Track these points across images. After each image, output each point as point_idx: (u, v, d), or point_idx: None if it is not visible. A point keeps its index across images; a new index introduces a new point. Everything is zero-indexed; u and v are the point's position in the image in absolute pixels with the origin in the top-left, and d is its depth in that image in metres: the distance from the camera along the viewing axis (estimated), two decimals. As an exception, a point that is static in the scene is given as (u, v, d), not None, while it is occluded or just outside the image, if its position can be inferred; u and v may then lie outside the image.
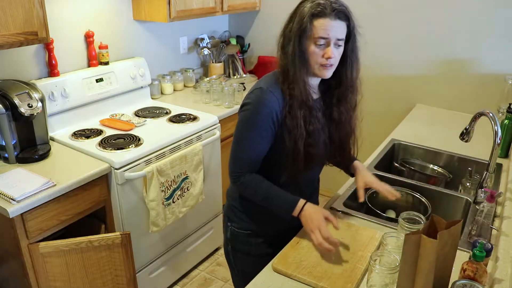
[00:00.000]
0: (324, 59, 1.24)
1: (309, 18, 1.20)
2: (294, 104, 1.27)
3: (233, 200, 1.49)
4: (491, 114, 1.53)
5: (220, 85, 2.74)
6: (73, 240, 1.70)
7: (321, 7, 1.21)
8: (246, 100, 1.31)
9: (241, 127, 1.32)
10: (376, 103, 2.90)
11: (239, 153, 1.34)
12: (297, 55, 1.24)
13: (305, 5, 1.23)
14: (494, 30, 2.43)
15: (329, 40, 1.22)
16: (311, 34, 1.22)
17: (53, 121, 2.16)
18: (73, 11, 2.26)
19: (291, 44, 1.24)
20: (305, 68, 1.26)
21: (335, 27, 1.22)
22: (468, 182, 1.81)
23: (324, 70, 1.27)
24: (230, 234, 1.50)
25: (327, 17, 1.21)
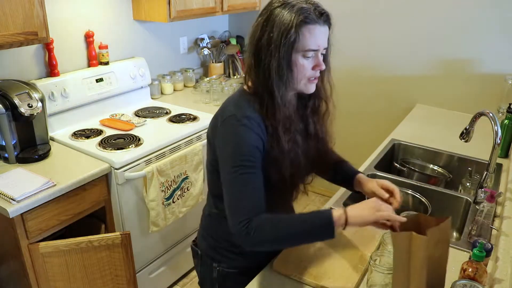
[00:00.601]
0: (313, 72, 1.11)
1: (296, 28, 1.03)
2: (279, 132, 1.10)
3: (215, 240, 1.30)
4: (491, 114, 1.53)
5: (220, 85, 2.74)
6: (73, 240, 1.70)
7: (306, 13, 1.04)
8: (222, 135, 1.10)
9: (228, 170, 1.08)
10: (376, 103, 2.90)
11: (239, 201, 1.07)
12: (283, 71, 1.06)
13: (282, 12, 1.05)
14: (494, 30, 2.43)
15: (318, 51, 1.09)
16: (298, 46, 1.05)
17: (53, 121, 2.16)
18: (73, 11, 2.26)
19: (275, 59, 1.05)
20: (290, 86, 1.09)
21: (323, 34, 1.08)
22: (468, 182, 1.81)
23: (311, 85, 1.13)
24: (218, 275, 1.31)
25: (316, 24, 1.06)
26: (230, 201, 1.08)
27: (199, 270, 1.39)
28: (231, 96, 1.21)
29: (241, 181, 1.06)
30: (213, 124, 1.17)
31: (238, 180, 1.07)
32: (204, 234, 1.35)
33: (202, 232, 1.36)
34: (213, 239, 1.31)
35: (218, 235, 1.30)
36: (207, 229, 1.34)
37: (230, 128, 1.09)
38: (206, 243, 1.33)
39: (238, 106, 1.11)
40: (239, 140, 1.07)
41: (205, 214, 1.36)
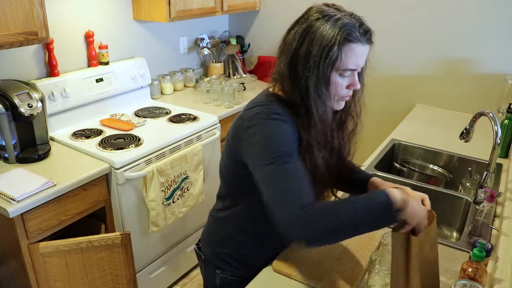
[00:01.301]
0: (347, 90, 1.06)
1: (339, 45, 0.97)
2: (313, 147, 1.04)
3: (219, 247, 1.28)
4: (491, 114, 1.53)
5: (220, 85, 2.74)
6: (73, 240, 1.70)
7: (350, 30, 0.98)
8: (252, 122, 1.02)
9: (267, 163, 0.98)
10: (376, 103, 2.90)
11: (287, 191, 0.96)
12: (321, 89, 1.00)
13: (324, 25, 0.98)
14: (494, 30, 2.43)
15: (355, 71, 1.04)
16: (339, 65, 1.00)
17: (53, 121, 2.16)
18: (73, 11, 2.26)
19: (313, 76, 0.99)
20: (327, 104, 1.04)
21: (364, 54, 1.03)
22: (468, 182, 1.81)
23: (341, 102, 1.09)
24: (221, 282, 1.30)
25: (359, 43, 1.00)
26: (275, 194, 0.96)
27: (203, 273, 1.39)
28: (255, 98, 1.15)
29: (284, 171, 0.97)
30: (238, 124, 1.10)
31: (280, 170, 0.97)
32: (207, 240, 1.33)
33: (206, 238, 1.35)
34: (216, 245, 1.29)
35: (222, 242, 1.28)
36: (211, 235, 1.32)
37: (261, 123, 1.02)
38: (210, 249, 1.31)
39: (267, 105, 1.05)
40: (273, 131, 1.00)
41: (209, 220, 1.35)
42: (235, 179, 1.19)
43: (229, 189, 1.25)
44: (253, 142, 1.02)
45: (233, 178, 1.20)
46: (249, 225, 1.23)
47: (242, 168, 1.09)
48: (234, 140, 1.10)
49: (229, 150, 1.16)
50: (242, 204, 1.21)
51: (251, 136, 1.03)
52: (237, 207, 1.22)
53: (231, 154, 1.14)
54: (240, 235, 1.25)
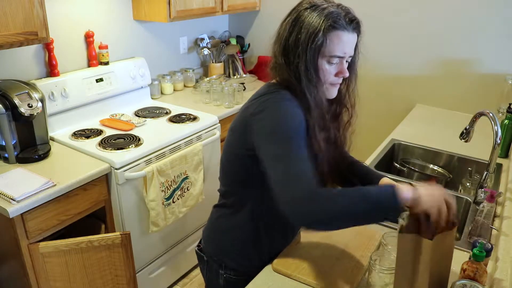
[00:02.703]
0: (335, 78, 1.09)
1: (324, 32, 1.02)
2: (316, 129, 1.07)
3: (222, 246, 1.27)
4: (491, 114, 1.53)
5: (220, 85, 2.74)
6: (73, 240, 1.70)
7: (335, 18, 1.02)
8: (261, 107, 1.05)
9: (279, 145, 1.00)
10: (376, 103, 2.90)
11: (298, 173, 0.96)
12: (311, 75, 1.05)
13: (311, 14, 1.04)
14: (494, 30, 2.43)
15: (343, 58, 1.08)
16: (324, 51, 1.04)
17: (53, 121, 2.16)
18: (73, 11, 2.26)
19: (302, 62, 1.04)
20: (319, 88, 1.08)
21: (351, 42, 1.07)
22: (468, 182, 1.81)
23: (333, 89, 1.12)
24: (224, 282, 1.29)
25: (344, 30, 1.04)
26: (284, 177, 0.96)
27: (205, 275, 1.37)
28: (260, 89, 1.17)
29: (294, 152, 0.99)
30: (243, 116, 1.11)
31: (290, 151, 0.98)
32: (210, 239, 1.31)
33: (208, 237, 1.33)
34: (220, 244, 1.28)
35: (225, 239, 1.27)
36: (215, 232, 1.30)
37: (271, 106, 1.05)
38: (212, 248, 1.30)
39: (276, 92, 1.08)
40: (284, 113, 1.03)
41: (213, 217, 1.33)
42: (238, 175, 1.19)
43: (231, 186, 1.24)
44: (264, 125, 1.04)
45: (235, 174, 1.20)
46: (253, 222, 1.22)
47: (250, 159, 1.09)
48: (242, 130, 1.11)
49: (234, 142, 1.16)
50: (245, 201, 1.21)
51: (261, 119, 1.04)
52: (240, 205, 1.22)
53: (238, 146, 1.14)
54: (244, 232, 1.24)
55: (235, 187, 1.24)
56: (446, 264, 1.06)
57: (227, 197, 1.27)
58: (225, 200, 1.28)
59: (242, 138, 1.12)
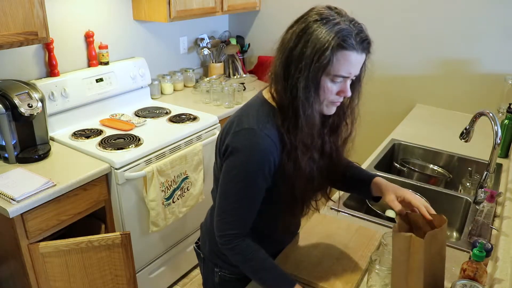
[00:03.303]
0: (336, 96, 1.04)
1: (332, 51, 0.95)
2: (298, 151, 1.04)
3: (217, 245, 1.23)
4: (491, 114, 1.53)
5: (220, 85, 2.74)
6: (73, 240, 1.70)
7: (345, 36, 0.95)
8: (234, 144, 1.04)
9: (230, 180, 1.06)
10: (376, 103, 2.90)
11: (230, 212, 1.08)
12: (310, 93, 0.99)
13: (320, 28, 0.96)
14: (494, 30, 2.43)
15: (347, 78, 1.02)
16: (330, 70, 0.98)
17: (53, 121, 2.16)
18: (73, 11, 2.26)
19: (303, 78, 0.98)
20: (315, 107, 1.02)
21: (358, 62, 1.01)
22: (468, 182, 1.81)
23: (332, 107, 1.07)
24: (219, 280, 1.31)
25: (353, 51, 0.97)
26: (223, 210, 1.10)
27: (202, 272, 1.39)
28: (251, 102, 1.13)
29: (242, 196, 1.06)
30: (227, 129, 1.10)
31: (238, 193, 1.06)
32: (206, 238, 1.33)
33: (204, 237, 1.35)
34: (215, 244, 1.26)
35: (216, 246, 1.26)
36: (209, 234, 1.30)
37: (244, 141, 1.03)
38: (209, 247, 1.31)
39: (258, 119, 1.05)
40: (250, 156, 1.03)
41: (207, 219, 1.35)
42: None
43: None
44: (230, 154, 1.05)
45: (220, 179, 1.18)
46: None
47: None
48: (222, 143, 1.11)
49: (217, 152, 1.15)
50: None
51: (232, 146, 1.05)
52: None
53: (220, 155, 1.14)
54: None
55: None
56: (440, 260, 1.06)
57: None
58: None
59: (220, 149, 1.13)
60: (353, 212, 1.54)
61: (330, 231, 1.40)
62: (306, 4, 1.10)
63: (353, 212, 1.54)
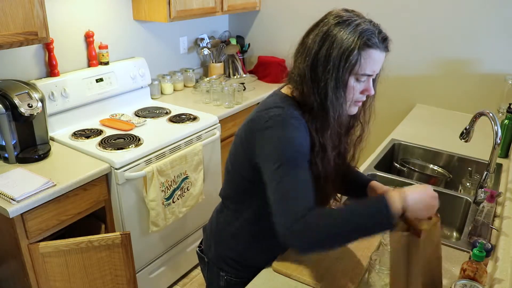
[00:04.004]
0: (360, 95, 1.08)
1: (359, 50, 0.99)
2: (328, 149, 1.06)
3: (224, 249, 1.27)
4: (491, 114, 1.53)
5: (220, 85, 2.74)
6: (73, 240, 1.70)
7: (370, 35, 1.00)
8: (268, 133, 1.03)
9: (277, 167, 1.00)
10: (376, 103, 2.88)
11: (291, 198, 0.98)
12: (340, 93, 1.02)
13: (344, 29, 1.00)
14: (494, 30, 2.43)
15: (371, 76, 1.06)
16: (357, 69, 1.01)
17: (53, 121, 2.16)
18: (73, 11, 2.26)
19: (332, 79, 1.00)
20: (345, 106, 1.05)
21: (381, 60, 1.05)
22: (468, 182, 1.81)
23: (355, 107, 1.11)
24: (225, 284, 1.30)
25: (377, 49, 1.01)
26: (280, 199, 0.99)
27: (205, 275, 1.38)
28: (270, 99, 1.13)
29: (293, 177, 0.99)
30: (251, 127, 1.09)
31: (289, 176, 0.99)
32: (211, 242, 1.31)
33: (209, 240, 1.33)
34: (221, 247, 1.28)
35: (229, 245, 1.27)
36: (215, 237, 1.30)
37: (279, 125, 1.02)
38: (214, 251, 1.30)
39: (284, 108, 1.05)
40: (289, 135, 1.02)
41: (212, 222, 1.34)
42: (243, 181, 1.18)
43: (234, 190, 1.24)
44: (267, 145, 1.03)
45: (240, 180, 1.19)
46: (254, 227, 1.22)
47: (253, 170, 1.09)
48: (248, 142, 1.10)
49: (241, 152, 1.14)
50: (247, 206, 1.20)
51: (267, 137, 1.03)
52: (242, 209, 1.22)
53: (245, 156, 1.12)
54: (245, 236, 1.24)
55: (236, 194, 1.23)
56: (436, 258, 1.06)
57: (227, 203, 1.27)
58: (226, 205, 1.28)
59: (247, 149, 1.11)
60: (353, 212, 1.53)
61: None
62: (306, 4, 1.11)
63: (353, 212, 1.53)
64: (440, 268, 1.08)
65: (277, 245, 1.25)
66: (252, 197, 1.18)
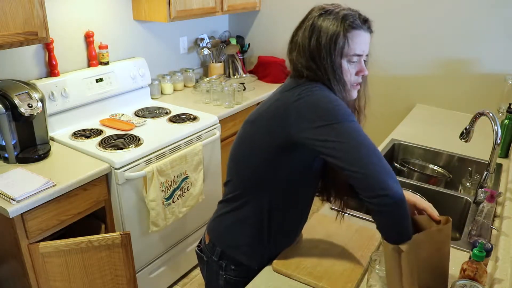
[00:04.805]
0: (356, 77, 1.12)
1: (344, 33, 1.05)
2: None
3: (223, 248, 1.27)
4: (491, 114, 1.53)
5: (220, 85, 2.74)
6: (73, 240, 1.70)
7: (352, 18, 1.07)
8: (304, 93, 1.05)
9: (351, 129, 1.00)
10: (376, 103, 2.90)
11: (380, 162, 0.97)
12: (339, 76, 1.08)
13: (327, 18, 1.07)
14: (494, 30, 2.43)
15: (361, 57, 1.11)
16: (347, 51, 1.07)
17: (53, 121, 2.16)
18: (73, 11, 2.26)
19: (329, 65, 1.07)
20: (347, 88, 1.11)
21: (367, 40, 1.10)
22: (468, 182, 1.81)
23: (354, 91, 1.15)
24: (224, 283, 1.30)
25: (361, 30, 1.08)
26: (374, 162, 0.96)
27: (205, 275, 1.37)
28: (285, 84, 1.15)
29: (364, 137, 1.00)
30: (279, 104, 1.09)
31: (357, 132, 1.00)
32: (210, 241, 1.31)
33: (210, 240, 1.31)
34: (220, 246, 1.28)
35: (226, 241, 1.26)
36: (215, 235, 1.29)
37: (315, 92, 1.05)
38: (213, 250, 1.29)
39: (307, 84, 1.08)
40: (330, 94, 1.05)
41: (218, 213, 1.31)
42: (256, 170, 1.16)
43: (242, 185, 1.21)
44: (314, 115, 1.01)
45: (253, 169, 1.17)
46: (257, 225, 1.21)
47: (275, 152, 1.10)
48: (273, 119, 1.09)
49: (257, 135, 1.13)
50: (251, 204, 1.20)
51: (307, 103, 1.03)
52: (244, 208, 1.21)
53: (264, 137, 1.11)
54: (246, 235, 1.23)
55: (241, 190, 1.21)
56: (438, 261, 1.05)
57: (229, 203, 1.25)
58: (231, 194, 1.24)
59: (272, 128, 1.09)
60: (353, 212, 1.54)
61: (330, 231, 1.40)
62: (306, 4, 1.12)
63: (353, 212, 1.54)
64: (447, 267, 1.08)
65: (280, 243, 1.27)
66: (259, 192, 1.18)
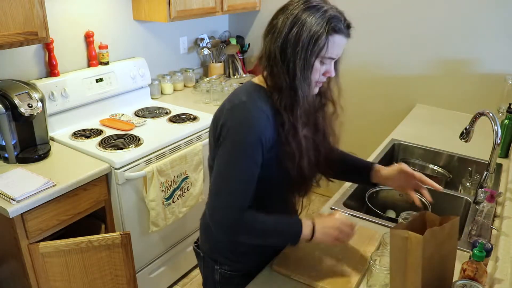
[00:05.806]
0: (322, 77, 1.13)
1: (327, 36, 1.05)
2: (298, 127, 1.11)
3: (216, 242, 1.30)
4: (491, 114, 1.53)
5: (220, 85, 2.74)
6: (73, 240, 1.70)
7: (337, 22, 1.06)
8: (229, 122, 1.09)
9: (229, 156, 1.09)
10: (376, 103, 2.90)
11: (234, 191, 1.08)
12: (307, 74, 1.08)
13: (314, 14, 1.05)
14: (494, 30, 2.43)
15: (335, 59, 1.12)
16: (324, 52, 1.07)
17: (53, 121, 2.16)
18: (73, 11, 2.26)
19: (300, 60, 1.06)
20: (312, 85, 1.12)
21: (344, 45, 1.11)
22: (468, 182, 1.81)
23: (316, 88, 1.17)
24: (220, 277, 1.31)
25: (343, 35, 1.08)
26: (221, 188, 1.10)
27: (202, 271, 1.40)
28: (240, 87, 1.20)
29: (240, 170, 1.09)
30: (218, 114, 1.16)
31: (237, 168, 1.08)
32: (204, 236, 1.35)
33: (203, 234, 1.36)
34: (214, 241, 1.31)
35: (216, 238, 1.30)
36: (207, 230, 1.32)
37: (238, 115, 1.09)
38: (208, 245, 1.33)
39: (250, 96, 1.12)
40: (246, 128, 1.08)
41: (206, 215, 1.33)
42: None
43: None
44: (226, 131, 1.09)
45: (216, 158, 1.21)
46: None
47: None
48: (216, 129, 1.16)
49: (213, 142, 1.20)
50: None
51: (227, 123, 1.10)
52: None
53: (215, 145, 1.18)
54: None
55: None
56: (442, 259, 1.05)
57: None
58: None
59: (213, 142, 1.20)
60: (353, 212, 1.54)
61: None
62: (306, 4, 1.11)
63: (353, 212, 1.54)
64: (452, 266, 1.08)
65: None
66: None
